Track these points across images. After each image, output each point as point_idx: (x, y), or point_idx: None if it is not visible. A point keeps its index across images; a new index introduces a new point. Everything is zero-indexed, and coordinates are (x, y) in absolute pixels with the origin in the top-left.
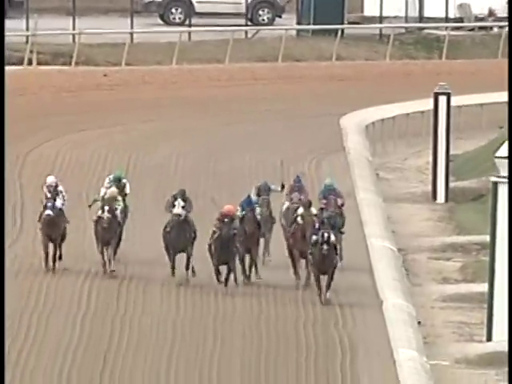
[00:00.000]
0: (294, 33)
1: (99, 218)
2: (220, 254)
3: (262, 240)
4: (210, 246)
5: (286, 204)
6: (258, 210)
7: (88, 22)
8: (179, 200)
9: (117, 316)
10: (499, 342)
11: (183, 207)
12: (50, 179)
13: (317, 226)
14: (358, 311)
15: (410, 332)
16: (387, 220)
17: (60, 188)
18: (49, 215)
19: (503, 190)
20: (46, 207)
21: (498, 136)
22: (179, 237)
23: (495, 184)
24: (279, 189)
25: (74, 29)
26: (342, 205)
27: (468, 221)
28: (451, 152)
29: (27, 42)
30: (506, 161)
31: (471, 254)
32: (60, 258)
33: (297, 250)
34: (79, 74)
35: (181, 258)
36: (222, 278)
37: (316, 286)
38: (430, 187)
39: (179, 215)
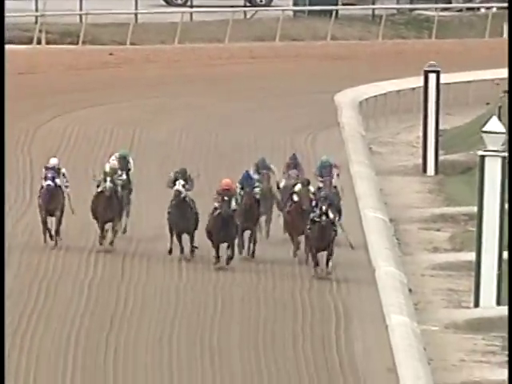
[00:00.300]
0: (290, 13)
1: (101, 191)
2: (220, 233)
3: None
4: (209, 222)
5: (283, 181)
6: (257, 188)
7: (94, 3)
8: (180, 180)
9: (122, 284)
10: (486, 308)
11: (183, 186)
12: (53, 161)
13: (314, 203)
14: (351, 279)
15: (402, 299)
16: (379, 192)
17: (63, 170)
18: (49, 185)
19: (490, 163)
20: (46, 178)
21: (484, 112)
22: (181, 218)
23: (482, 157)
24: (274, 169)
25: (80, 9)
26: (338, 175)
27: (456, 193)
28: (440, 127)
29: (36, 22)
30: (493, 135)
31: (460, 224)
32: (57, 233)
33: (294, 227)
34: (86, 53)
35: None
36: (223, 256)
37: (313, 261)
38: (420, 160)
39: (179, 191)
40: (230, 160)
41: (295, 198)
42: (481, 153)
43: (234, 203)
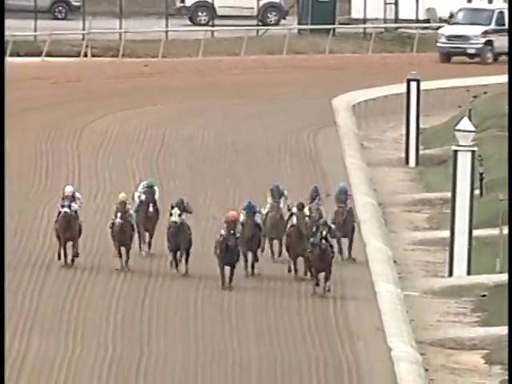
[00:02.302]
0: (295, 31)
1: (113, 223)
2: (225, 257)
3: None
4: (216, 247)
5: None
6: (257, 215)
7: (132, 22)
8: (175, 209)
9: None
10: (458, 277)
11: (179, 215)
12: (69, 189)
13: (314, 229)
14: (346, 253)
15: (388, 269)
16: (370, 180)
17: (77, 195)
18: (66, 213)
19: (462, 157)
20: (63, 206)
21: (457, 113)
22: (176, 239)
23: (455, 152)
24: (286, 194)
25: (120, 28)
26: (350, 208)
27: (434, 181)
28: (421, 126)
29: (83, 38)
30: (464, 133)
31: (436, 207)
32: (77, 255)
33: (293, 248)
34: (125, 65)
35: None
36: (226, 279)
37: (313, 280)
38: (403, 154)
39: (175, 222)
40: (244, 154)
41: (294, 221)
42: (454, 148)
43: (238, 230)
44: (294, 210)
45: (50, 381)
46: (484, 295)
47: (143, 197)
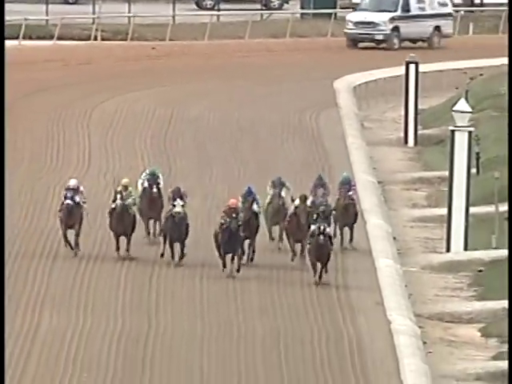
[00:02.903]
0: (298, 15)
1: (113, 208)
2: (226, 245)
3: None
4: (216, 235)
5: (311, 198)
6: (255, 204)
7: (140, 7)
8: (178, 200)
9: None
10: (455, 253)
11: (182, 206)
12: (73, 182)
13: (314, 217)
14: (345, 229)
15: (388, 245)
16: (370, 159)
17: (81, 188)
18: (69, 204)
19: (459, 136)
20: (65, 198)
21: (454, 95)
22: (174, 230)
23: (452, 132)
24: (288, 186)
25: (129, 12)
26: (352, 198)
27: (432, 160)
28: (419, 107)
29: (93, 22)
30: (461, 114)
31: (434, 185)
32: (76, 244)
33: (292, 236)
34: (133, 47)
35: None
36: (226, 266)
37: (312, 270)
38: (402, 134)
39: (179, 213)
40: (249, 133)
41: (294, 210)
42: (451, 128)
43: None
44: (297, 201)
45: (61, 352)
46: (480, 270)
47: (146, 184)
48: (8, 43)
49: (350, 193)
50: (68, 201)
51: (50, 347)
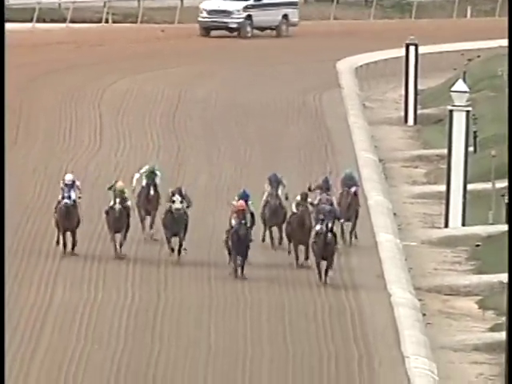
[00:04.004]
0: (302, 0)
1: (111, 208)
2: (237, 247)
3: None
4: (227, 239)
5: (318, 198)
6: (250, 202)
7: None
8: (177, 196)
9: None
10: (453, 228)
11: (181, 202)
12: (69, 177)
13: (321, 216)
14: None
15: (388, 221)
16: (371, 138)
17: (77, 183)
18: (66, 203)
19: (457, 116)
20: (63, 198)
21: (452, 76)
22: (177, 226)
23: (451, 111)
24: (285, 183)
25: None
26: (356, 193)
27: (431, 138)
28: (418, 87)
29: (104, 5)
30: (459, 94)
31: (433, 163)
32: (74, 245)
33: (294, 237)
34: (143, 30)
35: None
36: (238, 270)
37: (317, 269)
38: (402, 113)
39: (179, 209)
40: (254, 113)
41: (294, 209)
42: (450, 107)
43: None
44: (298, 198)
45: (73, 324)
46: (478, 245)
47: (144, 181)
48: (22, 26)
49: (353, 189)
50: (65, 200)
51: (62, 320)
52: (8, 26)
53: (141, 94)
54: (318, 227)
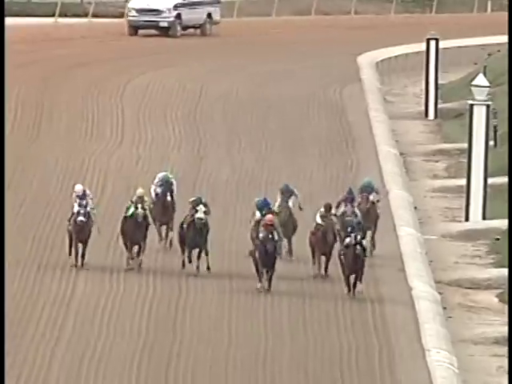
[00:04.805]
0: None
1: (130, 216)
2: (264, 261)
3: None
4: (253, 251)
5: (342, 208)
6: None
7: None
8: (201, 206)
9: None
10: (474, 222)
11: (205, 212)
12: (79, 187)
13: (349, 229)
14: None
15: (409, 214)
16: (392, 132)
17: (87, 192)
18: (82, 221)
19: (477, 110)
20: (78, 213)
21: (473, 70)
22: (195, 237)
23: (471, 106)
24: (298, 194)
25: None
26: (378, 201)
27: (451, 132)
28: (439, 81)
29: (126, 0)
30: (479, 88)
31: (454, 157)
32: (83, 256)
33: (317, 248)
34: None
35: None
36: (265, 284)
37: (345, 282)
38: (423, 107)
39: (201, 219)
40: (275, 107)
41: (319, 221)
42: (470, 102)
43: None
44: (322, 210)
45: (96, 316)
46: (498, 239)
47: (159, 190)
48: (44, 20)
49: (371, 197)
50: (80, 217)
51: (84, 311)
52: (30, 20)
53: (162, 88)
54: (347, 240)
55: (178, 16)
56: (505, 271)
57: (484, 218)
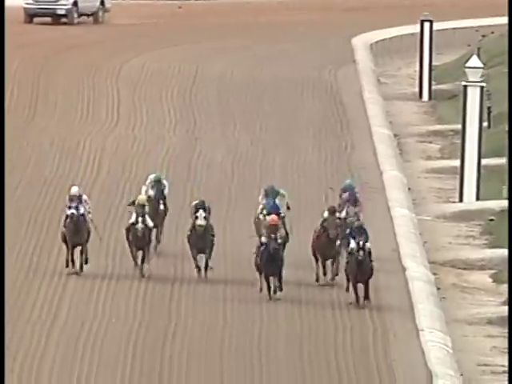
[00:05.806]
0: None
1: (132, 224)
2: (268, 267)
3: None
4: (256, 256)
5: (344, 212)
6: (282, 214)
7: None
8: (201, 211)
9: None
10: (468, 203)
11: (205, 218)
12: (74, 189)
13: (348, 231)
14: (363, 178)
15: (403, 195)
16: (386, 113)
17: (84, 197)
18: (73, 214)
19: (471, 91)
20: (69, 208)
21: (466, 52)
22: (198, 242)
23: (465, 87)
24: (285, 193)
25: None
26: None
27: (445, 114)
28: (433, 63)
29: None
30: (473, 70)
31: (447, 138)
32: (86, 262)
33: (320, 252)
34: (160, 7)
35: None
36: (271, 290)
37: (354, 291)
38: (417, 89)
39: (202, 226)
40: (270, 88)
41: (325, 224)
42: (464, 83)
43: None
44: (326, 214)
45: (90, 301)
46: (491, 219)
47: (151, 192)
48: None
49: (345, 195)
50: (72, 210)
51: (79, 295)
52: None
53: (157, 69)
54: (351, 245)
55: (75, 3)
56: (498, 252)
57: (478, 198)
